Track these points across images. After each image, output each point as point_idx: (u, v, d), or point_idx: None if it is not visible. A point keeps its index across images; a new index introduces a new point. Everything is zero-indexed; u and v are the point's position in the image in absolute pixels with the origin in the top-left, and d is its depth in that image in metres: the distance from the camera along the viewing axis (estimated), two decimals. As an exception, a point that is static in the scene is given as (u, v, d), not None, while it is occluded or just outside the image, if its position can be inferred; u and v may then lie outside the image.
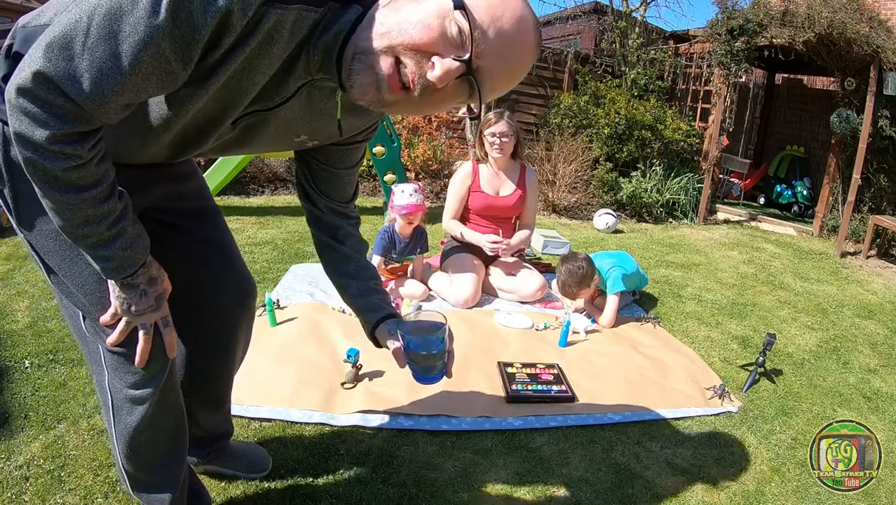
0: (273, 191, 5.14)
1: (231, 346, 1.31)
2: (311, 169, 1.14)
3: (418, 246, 2.83)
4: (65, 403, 1.74)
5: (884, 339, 2.87)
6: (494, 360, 2.18)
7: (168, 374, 1.05)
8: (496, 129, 2.86)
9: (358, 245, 1.23)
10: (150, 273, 0.94)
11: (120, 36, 0.67)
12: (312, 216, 1.20)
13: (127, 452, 1.09)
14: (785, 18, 4.82)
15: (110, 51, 0.67)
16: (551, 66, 6.39)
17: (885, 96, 4.56)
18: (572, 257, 2.70)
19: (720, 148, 5.53)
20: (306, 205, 1.19)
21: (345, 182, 1.17)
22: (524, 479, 1.58)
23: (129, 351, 0.98)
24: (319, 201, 1.17)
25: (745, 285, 3.52)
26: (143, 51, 0.68)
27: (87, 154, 0.75)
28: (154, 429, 1.07)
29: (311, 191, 1.16)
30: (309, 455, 1.59)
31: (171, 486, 1.14)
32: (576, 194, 5.27)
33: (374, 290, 1.21)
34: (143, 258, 0.91)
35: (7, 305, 2.39)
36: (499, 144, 2.86)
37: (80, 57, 0.68)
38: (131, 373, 1.01)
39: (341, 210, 1.19)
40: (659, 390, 2.08)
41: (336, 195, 1.17)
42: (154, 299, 0.96)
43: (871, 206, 4.94)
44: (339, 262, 1.21)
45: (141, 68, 0.69)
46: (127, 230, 0.87)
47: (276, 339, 2.24)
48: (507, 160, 2.96)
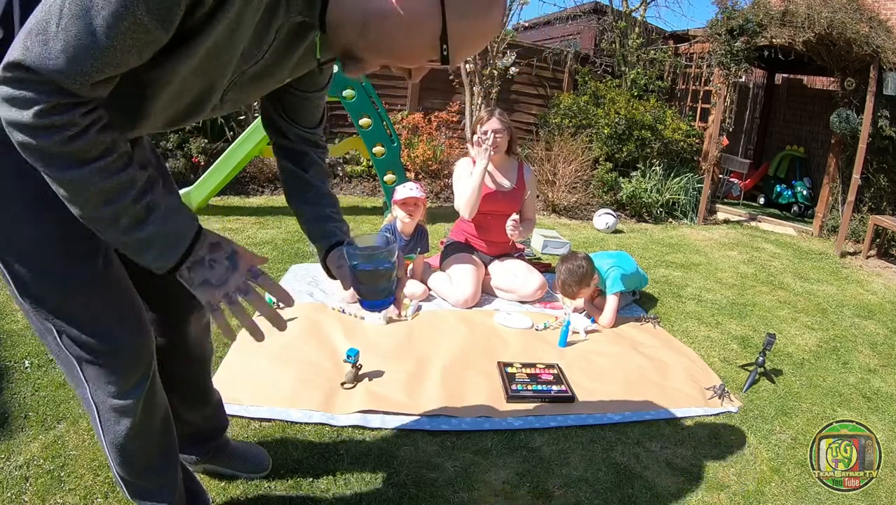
0: (273, 191, 5.13)
1: (194, 332, 1.29)
2: (281, 98, 1.12)
3: (419, 245, 2.83)
4: (65, 403, 1.74)
5: (884, 339, 2.87)
6: (494, 360, 2.18)
7: (152, 378, 1.04)
8: (488, 127, 2.87)
9: (320, 174, 1.20)
10: (207, 242, 0.86)
11: (93, 11, 0.65)
12: (279, 146, 1.18)
13: (120, 461, 1.09)
14: (785, 18, 4.82)
15: (85, 27, 0.66)
16: (551, 66, 6.39)
17: (884, 96, 4.56)
18: (572, 256, 2.70)
19: (720, 148, 5.53)
20: (275, 137, 1.18)
21: (314, 106, 1.15)
22: (524, 479, 1.58)
23: (100, 360, 0.97)
24: (290, 131, 1.15)
25: (744, 285, 3.52)
26: (118, 22, 0.66)
27: (82, 120, 0.71)
28: (143, 435, 1.07)
29: (280, 120, 1.15)
30: (309, 455, 1.59)
31: (167, 490, 1.14)
32: (576, 194, 5.27)
33: (331, 217, 1.17)
34: (191, 232, 0.84)
35: (7, 305, 2.39)
36: (493, 142, 2.86)
37: (55, 39, 0.66)
38: (112, 384, 0.98)
39: (310, 137, 1.18)
40: (659, 390, 2.08)
41: (306, 121, 1.16)
42: (226, 260, 0.88)
43: (871, 207, 4.93)
44: (301, 189, 1.18)
45: (118, 40, 0.67)
46: (158, 203, 0.80)
47: (276, 339, 2.23)
48: (502, 156, 2.96)
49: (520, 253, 3.23)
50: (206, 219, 3.99)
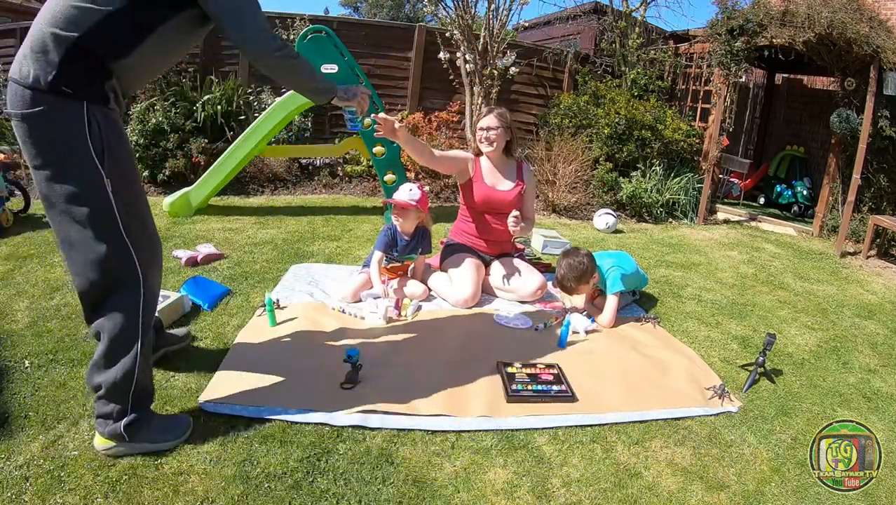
0: (273, 191, 5.14)
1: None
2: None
3: (419, 246, 2.83)
4: (65, 403, 1.74)
5: (884, 339, 2.87)
6: (494, 360, 2.18)
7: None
8: (483, 123, 2.91)
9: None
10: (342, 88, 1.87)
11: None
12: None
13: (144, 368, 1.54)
14: (785, 18, 4.82)
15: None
16: (551, 66, 6.39)
17: (884, 96, 4.56)
18: (574, 252, 2.67)
19: (720, 148, 5.53)
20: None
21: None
22: (524, 479, 1.58)
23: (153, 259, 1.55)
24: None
25: (745, 285, 3.52)
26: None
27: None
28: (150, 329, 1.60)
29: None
30: (309, 455, 1.59)
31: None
32: (576, 194, 5.27)
33: None
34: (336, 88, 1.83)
35: (7, 305, 2.39)
36: (486, 138, 2.87)
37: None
38: (159, 267, 1.58)
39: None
40: (659, 390, 2.08)
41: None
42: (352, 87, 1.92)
43: (871, 207, 4.93)
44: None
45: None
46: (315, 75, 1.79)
47: (276, 339, 2.24)
48: (500, 155, 2.96)
49: (520, 253, 3.23)
50: (206, 219, 3.99)
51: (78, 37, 1.33)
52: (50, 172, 1.38)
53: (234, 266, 3.07)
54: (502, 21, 5.35)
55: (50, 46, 1.33)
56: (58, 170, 1.39)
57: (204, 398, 1.79)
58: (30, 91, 1.34)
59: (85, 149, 1.38)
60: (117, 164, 1.43)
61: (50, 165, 1.38)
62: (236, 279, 2.88)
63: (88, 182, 1.40)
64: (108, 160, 1.41)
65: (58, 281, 2.69)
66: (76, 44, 1.33)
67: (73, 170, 1.39)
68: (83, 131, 1.37)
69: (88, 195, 1.41)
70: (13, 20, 10.02)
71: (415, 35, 6.00)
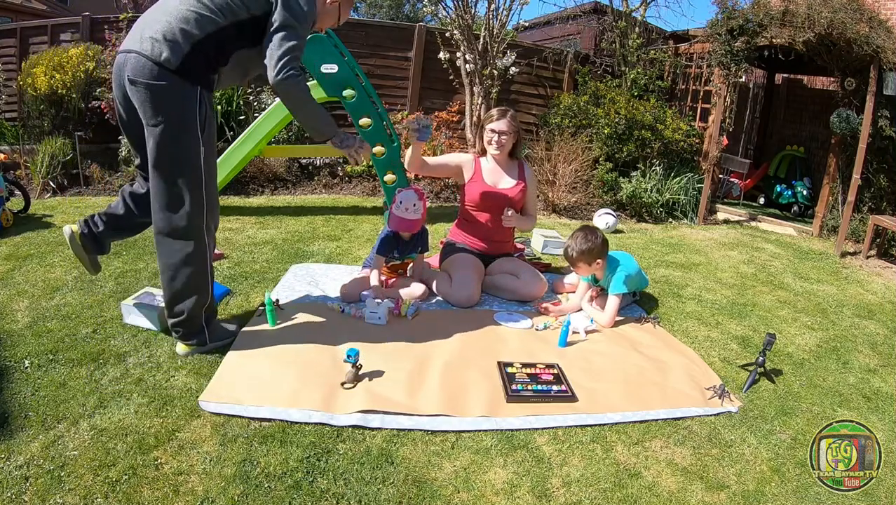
0: (273, 191, 5.14)
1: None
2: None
3: (419, 245, 2.83)
4: (65, 403, 1.74)
5: (884, 339, 2.86)
6: (494, 360, 2.18)
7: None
8: (496, 127, 2.87)
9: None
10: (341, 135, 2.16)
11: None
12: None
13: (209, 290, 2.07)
14: (785, 18, 4.82)
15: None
16: (551, 66, 6.39)
17: (885, 96, 4.56)
18: (592, 230, 2.67)
19: (720, 148, 5.53)
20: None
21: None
22: (524, 479, 1.58)
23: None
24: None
25: (744, 285, 3.52)
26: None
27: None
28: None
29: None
30: (309, 455, 1.59)
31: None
32: (576, 194, 5.27)
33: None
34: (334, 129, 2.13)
35: (7, 305, 2.39)
36: (497, 141, 2.86)
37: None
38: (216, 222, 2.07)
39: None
40: (659, 390, 2.08)
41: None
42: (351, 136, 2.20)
43: (871, 207, 4.93)
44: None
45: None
46: (319, 113, 2.07)
47: (276, 339, 2.24)
48: (504, 157, 2.96)
49: (520, 253, 3.23)
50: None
51: (202, 37, 1.81)
52: (163, 131, 1.81)
53: (234, 266, 3.07)
54: (502, 21, 5.35)
55: (179, 39, 1.78)
56: (170, 131, 1.82)
57: (204, 398, 1.79)
58: (157, 67, 1.76)
59: (193, 121, 1.85)
60: (210, 137, 1.93)
61: (165, 126, 1.81)
62: (236, 279, 2.88)
63: (191, 147, 1.87)
64: (206, 133, 1.89)
65: (58, 281, 2.69)
66: (201, 41, 1.81)
67: (182, 135, 1.84)
68: (194, 107, 1.84)
69: (187, 155, 1.87)
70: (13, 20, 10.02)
71: (415, 35, 6.00)
